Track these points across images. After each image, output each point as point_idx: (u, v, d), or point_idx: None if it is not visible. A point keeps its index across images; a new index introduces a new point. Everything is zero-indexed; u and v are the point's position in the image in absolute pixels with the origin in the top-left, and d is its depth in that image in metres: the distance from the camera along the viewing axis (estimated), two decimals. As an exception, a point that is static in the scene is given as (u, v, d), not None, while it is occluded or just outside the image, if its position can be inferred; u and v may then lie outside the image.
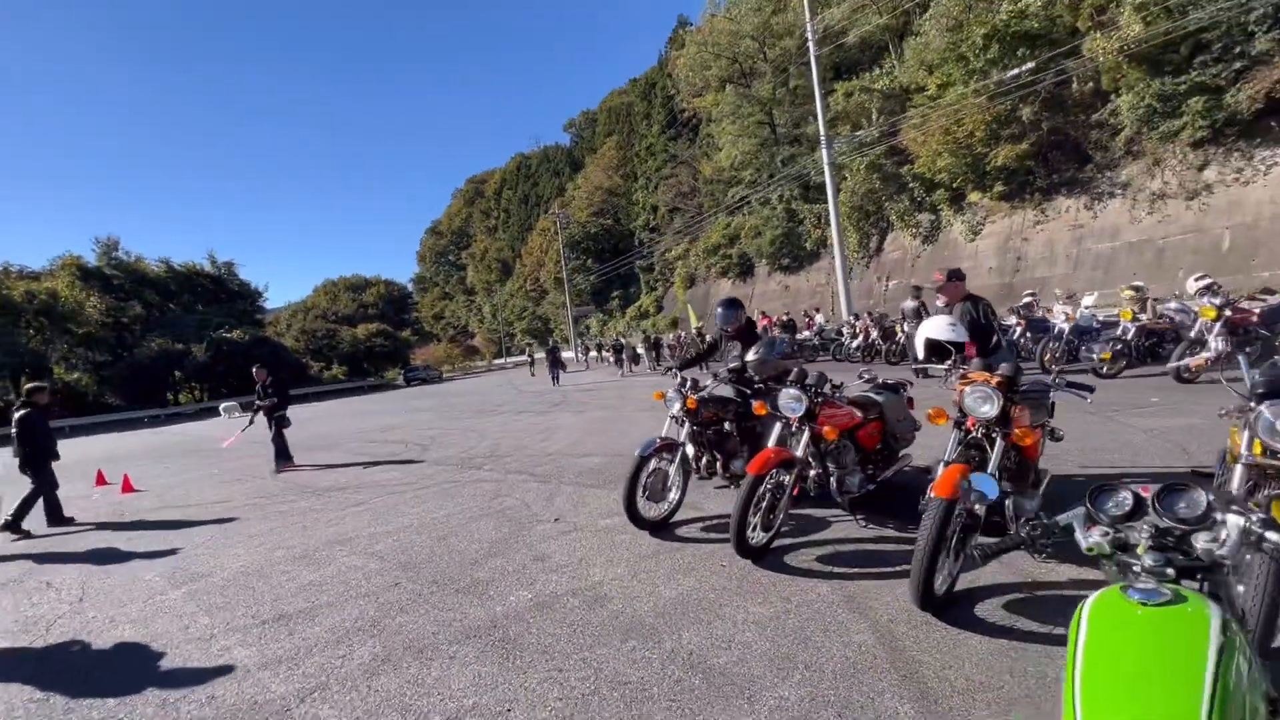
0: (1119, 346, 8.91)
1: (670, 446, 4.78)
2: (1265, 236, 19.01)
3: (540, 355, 31.20)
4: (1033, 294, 11.43)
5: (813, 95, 35.02)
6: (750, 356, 4.97)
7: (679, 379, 5.14)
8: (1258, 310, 7.44)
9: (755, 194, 35.68)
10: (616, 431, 9.78)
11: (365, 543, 5.37)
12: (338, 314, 74.85)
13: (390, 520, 6.03)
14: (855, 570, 3.71)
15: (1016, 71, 22.52)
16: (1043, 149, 24.38)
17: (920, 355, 4.15)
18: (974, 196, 27.47)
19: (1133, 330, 8.78)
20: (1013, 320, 11.36)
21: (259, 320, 54.93)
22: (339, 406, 29.48)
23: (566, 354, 34.93)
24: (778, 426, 4.31)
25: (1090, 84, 22.69)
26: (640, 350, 27.19)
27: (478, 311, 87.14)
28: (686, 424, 4.92)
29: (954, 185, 27.38)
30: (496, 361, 66.77)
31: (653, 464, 4.68)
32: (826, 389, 4.39)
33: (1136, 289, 8.95)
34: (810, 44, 21.96)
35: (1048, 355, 9.93)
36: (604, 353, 27.45)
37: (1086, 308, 9.83)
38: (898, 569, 3.59)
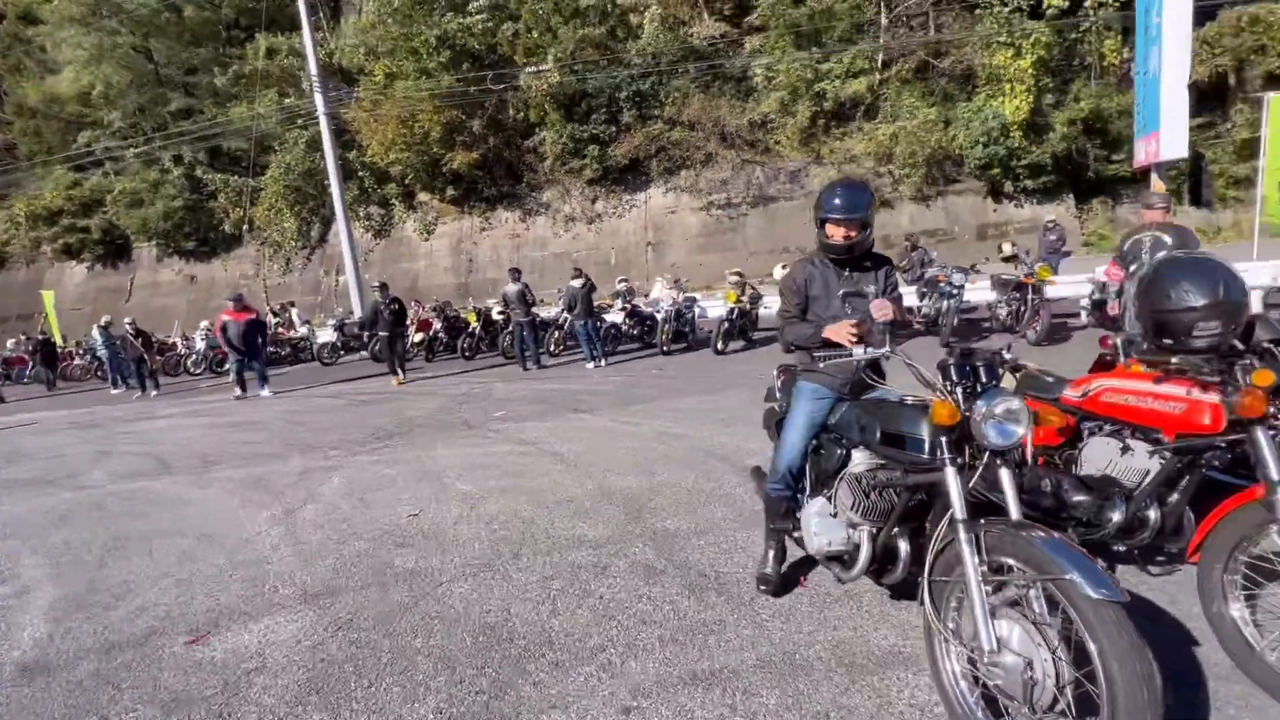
0: (725, 326, 9.55)
1: None
2: (633, 255, 25.03)
3: None
4: (626, 279, 11.31)
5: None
6: None
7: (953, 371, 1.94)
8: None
9: (133, 148, 24.66)
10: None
11: None
12: None
13: None
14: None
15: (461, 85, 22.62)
16: (489, 162, 25.46)
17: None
18: (424, 196, 26.50)
19: (736, 310, 9.54)
20: (618, 305, 10.94)
21: None
22: None
23: None
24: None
25: (523, 114, 24.91)
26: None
27: None
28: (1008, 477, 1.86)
29: (406, 182, 25.66)
30: None
31: None
32: None
33: (740, 274, 9.80)
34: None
35: (664, 337, 9.87)
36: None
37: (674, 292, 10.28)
38: None
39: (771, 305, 10.71)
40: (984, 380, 1.88)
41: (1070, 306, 8.95)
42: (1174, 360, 2.28)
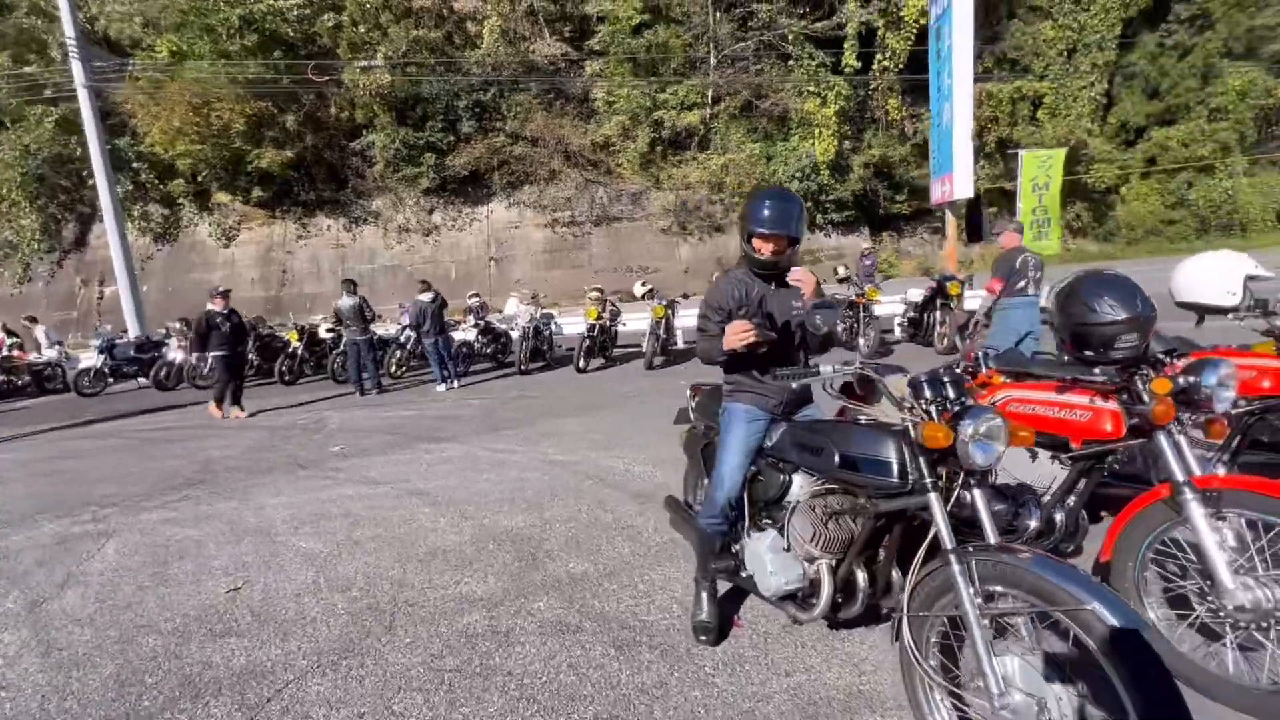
0: (587, 344, 9.24)
1: None
2: (475, 270, 23.89)
3: None
4: (477, 294, 10.31)
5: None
6: None
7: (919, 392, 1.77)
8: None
9: None
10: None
11: None
12: None
13: None
14: None
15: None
16: (306, 163, 22.62)
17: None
18: (224, 197, 22.78)
19: (598, 328, 9.27)
20: (470, 321, 9.96)
21: None
22: None
23: None
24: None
25: (348, 113, 22.55)
26: None
27: None
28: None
29: (199, 178, 21.84)
30: None
31: None
32: None
33: (600, 290, 9.48)
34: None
35: (522, 356, 9.27)
36: None
37: (529, 310, 9.72)
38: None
39: (629, 323, 10.65)
40: (952, 397, 1.78)
41: (886, 323, 10.08)
42: (1043, 370, 2.47)
